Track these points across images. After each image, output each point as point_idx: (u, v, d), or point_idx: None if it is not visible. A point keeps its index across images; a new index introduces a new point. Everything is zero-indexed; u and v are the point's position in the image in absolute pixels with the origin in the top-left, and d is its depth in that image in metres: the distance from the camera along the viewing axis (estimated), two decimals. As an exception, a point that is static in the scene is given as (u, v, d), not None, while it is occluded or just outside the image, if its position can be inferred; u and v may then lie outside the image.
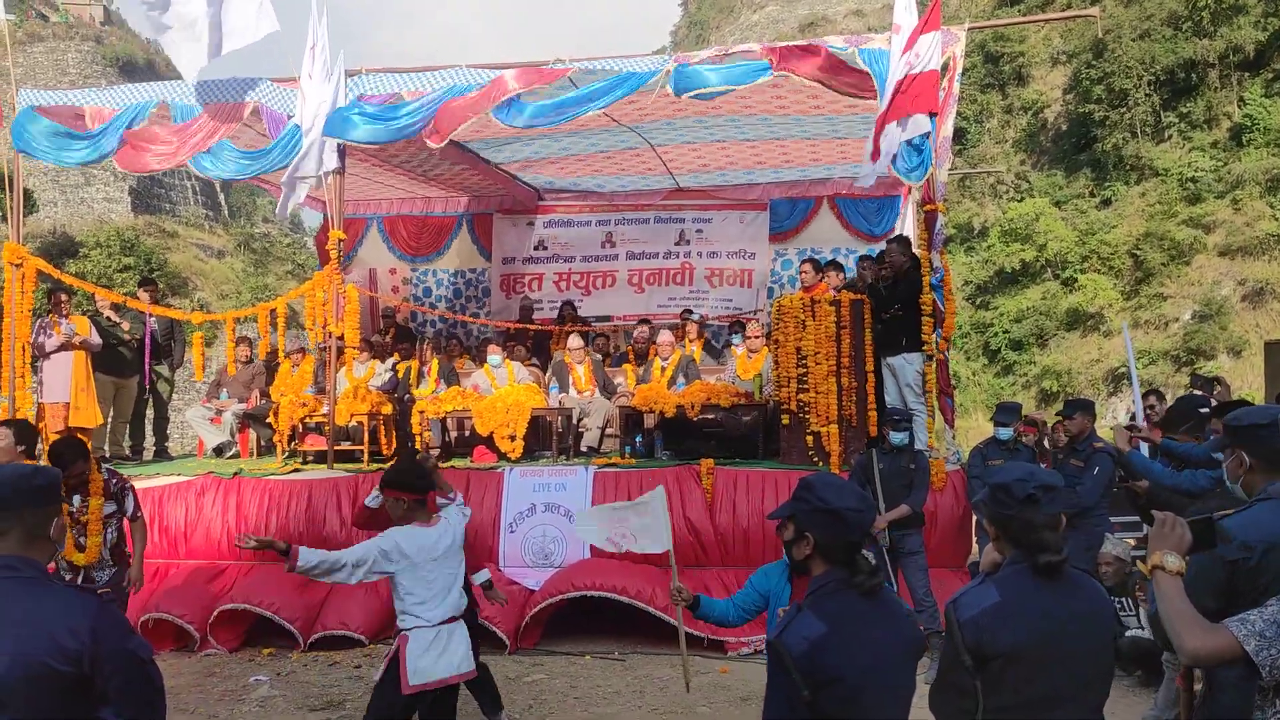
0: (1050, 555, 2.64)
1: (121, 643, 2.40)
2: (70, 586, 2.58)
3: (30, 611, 2.34)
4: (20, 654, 2.28)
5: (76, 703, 2.34)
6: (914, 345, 8.46)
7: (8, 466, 2.61)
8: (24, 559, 2.43)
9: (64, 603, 2.40)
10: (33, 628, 2.31)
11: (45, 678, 2.29)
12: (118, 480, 5.97)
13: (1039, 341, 28.31)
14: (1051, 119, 33.79)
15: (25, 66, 27.32)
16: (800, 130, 11.06)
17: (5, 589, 2.37)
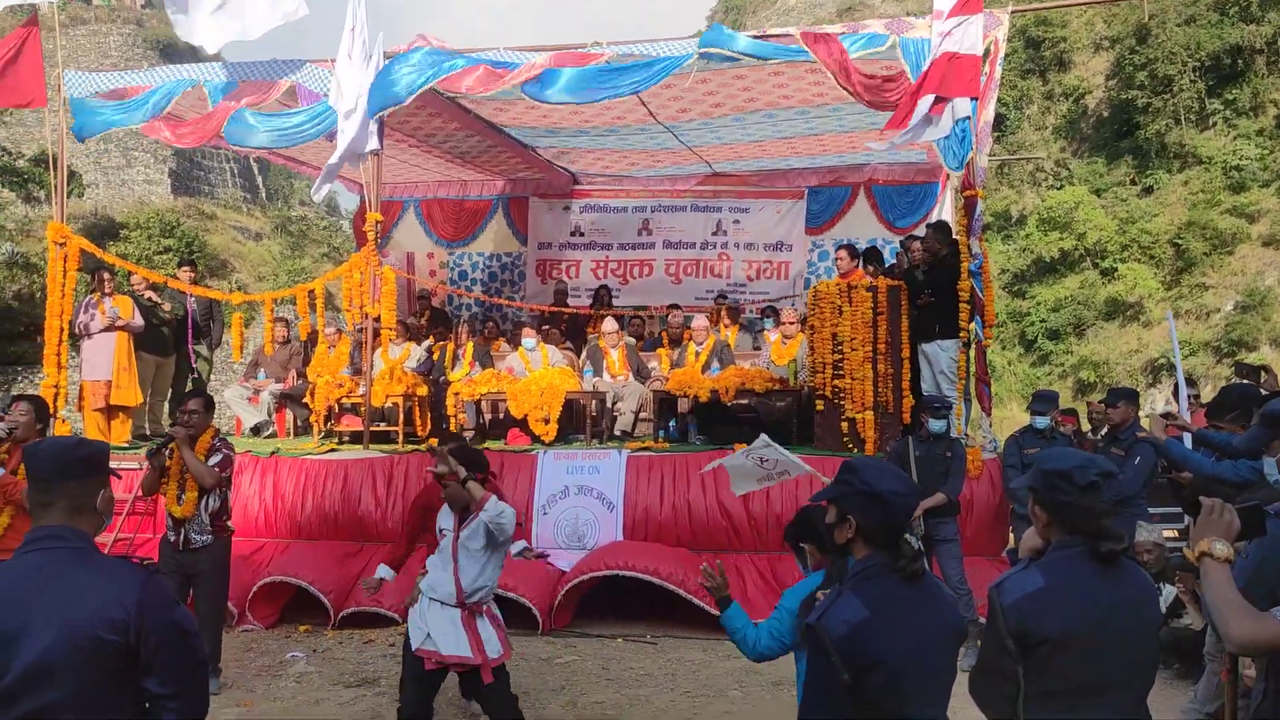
0: (1113, 543, 2.61)
1: (166, 614, 2.42)
2: (118, 558, 2.61)
3: (78, 582, 2.36)
4: (69, 623, 2.30)
5: (123, 672, 2.36)
6: (948, 332, 8.39)
7: (49, 440, 2.64)
8: (71, 529, 2.45)
9: (111, 574, 2.42)
10: (81, 597, 2.33)
11: (93, 647, 2.31)
12: (223, 442, 6.45)
13: (1076, 331, 27.96)
14: (1093, 105, 33.28)
15: (69, 49, 27.63)
16: (838, 123, 10.98)
17: (53, 559, 2.39)
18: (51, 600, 2.32)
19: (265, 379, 11.23)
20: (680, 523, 8.31)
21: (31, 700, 2.27)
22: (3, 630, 2.29)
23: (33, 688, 2.27)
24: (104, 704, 2.34)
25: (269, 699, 6.37)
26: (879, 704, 2.50)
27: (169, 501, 6.25)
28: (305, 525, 8.70)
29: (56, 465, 2.48)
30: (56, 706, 2.28)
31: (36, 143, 24.26)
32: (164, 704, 2.41)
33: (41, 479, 2.48)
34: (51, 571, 2.37)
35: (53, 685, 2.28)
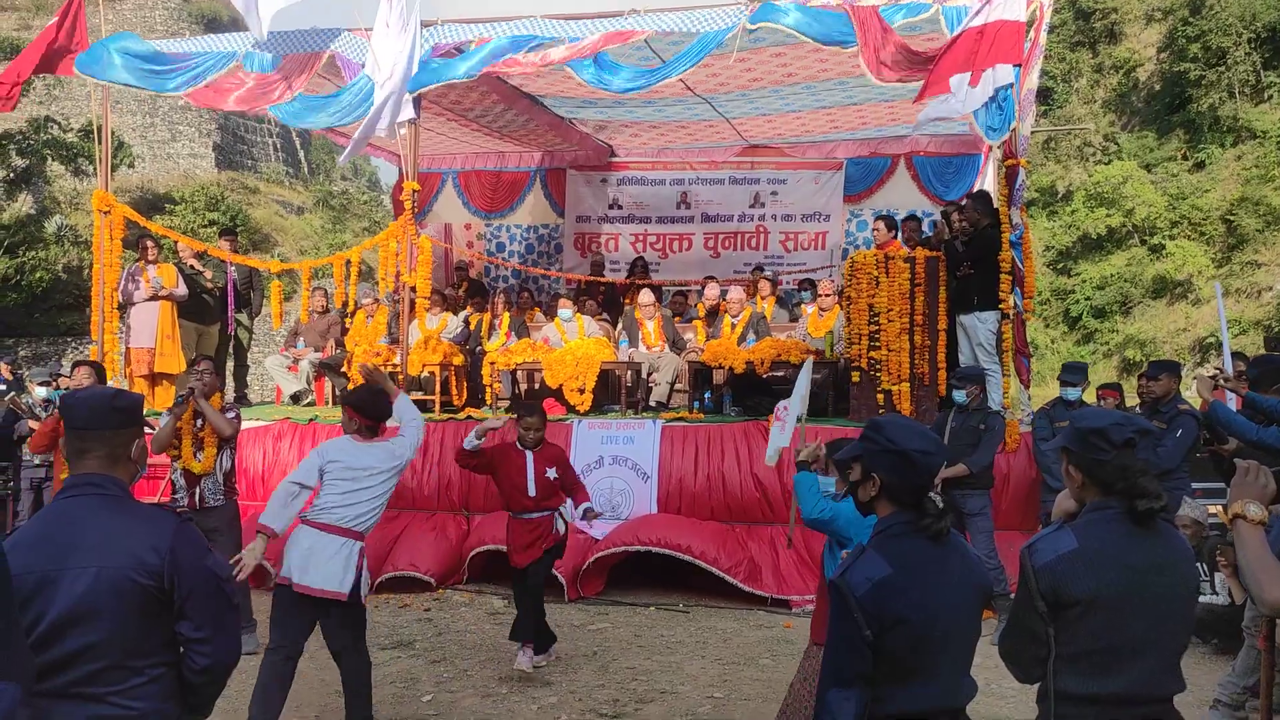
0: (1151, 501, 2.56)
1: (198, 560, 2.48)
2: (153, 505, 2.67)
3: (115, 527, 2.42)
4: (106, 566, 2.36)
5: (157, 615, 2.42)
6: (987, 304, 8.28)
7: (88, 390, 2.69)
8: (108, 477, 2.51)
9: (146, 519, 2.48)
10: (117, 542, 2.39)
11: (129, 590, 2.37)
12: (234, 409, 6.73)
13: (1123, 309, 27.54)
14: (1144, 78, 32.60)
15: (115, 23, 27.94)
16: (878, 93, 10.83)
17: (91, 505, 2.45)
18: (88, 545, 2.38)
19: (304, 348, 11.36)
20: (714, 493, 8.30)
21: (71, 641, 2.34)
22: (42, 573, 2.35)
23: (71, 629, 2.34)
24: (140, 645, 2.40)
25: (305, 658, 6.45)
26: (902, 661, 2.49)
27: (186, 458, 6.38)
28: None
29: (95, 414, 2.54)
30: (95, 647, 2.34)
31: (84, 116, 24.61)
32: (196, 647, 2.48)
33: (79, 428, 2.53)
34: (88, 517, 2.43)
35: (91, 627, 2.34)
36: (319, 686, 5.93)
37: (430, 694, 5.80)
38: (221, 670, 2.53)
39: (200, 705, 2.56)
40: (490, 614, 7.61)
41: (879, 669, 2.50)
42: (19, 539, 2.44)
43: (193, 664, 2.49)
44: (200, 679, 2.50)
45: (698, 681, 6.05)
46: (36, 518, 2.54)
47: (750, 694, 5.82)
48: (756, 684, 6.01)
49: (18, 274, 20.58)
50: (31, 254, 20.95)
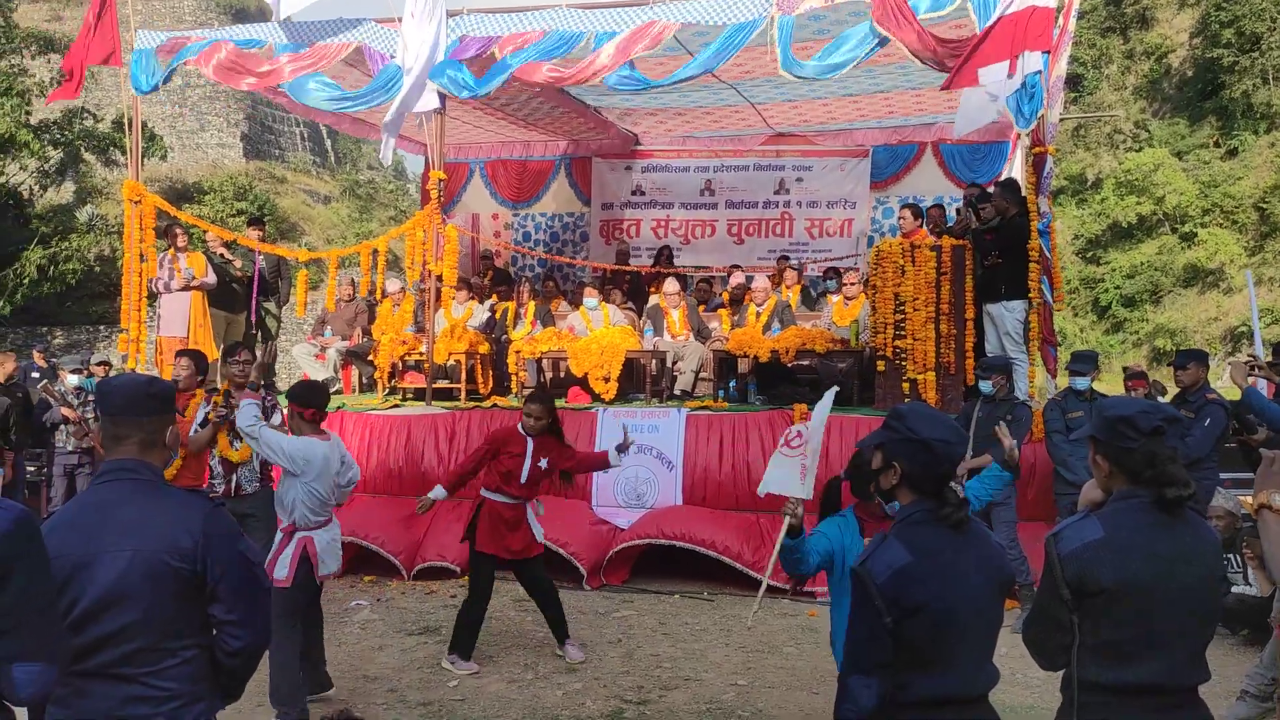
0: (1179, 489, 2.55)
1: (231, 544, 2.53)
2: (185, 490, 2.71)
3: (149, 511, 2.47)
4: (141, 550, 2.41)
5: (190, 599, 2.47)
6: (1014, 293, 8.22)
7: (125, 376, 2.74)
8: (142, 463, 2.56)
9: (179, 504, 2.53)
10: (152, 526, 2.44)
11: (164, 573, 2.42)
12: (270, 399, 6.69)
13: (1153, 298, 27.26)
14: (1176, 64, 32.18)
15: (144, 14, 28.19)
16: (905, 80, 10.76)
17: (126, 490, 2.50)
18: (123, 529, 2.43)
19: (331, 336, 11.44)
20: (739, 483, 8.31)
21: (108, 623, 2.39)
22: (79, 557, 2.40)
23: (107, 611, 2.39)
24: (174, 628, 2.45)
25: (334, 644, 6.54)
26: (922, 648, 2.50)
27: (223, 447, 6.47)
28: (370, 479, 8.87)
29: (131, 401, 2.58)
30: (130, 629, 2.40)
31: (115, 107, 24.85)
32: (228, 630, 2.53)
33: (115, 414, 2.58)
34: (123, 502, 2.48)
35: (126, 609, 2.39)
36: (348, 670, 6.00)
37: (456, 680, 5.85)
38: (253, 652, 2.57)
39: (232, 687, 2.61)
40: (515, 601, 7.65)
41: (900, 656, 2.51)
42: (56, 523, 2.50)
43: (225, 646, 2.53)
44: (233, 661, 2.55)
45: (722, 669, 6.07)
46: (73, 503, 2.60)
47: (774, 682, 5.84)
48: (780, 672, 6.03)
49: (51, 264, 20.84)
50: (64, 244, 21.20)
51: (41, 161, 21.84)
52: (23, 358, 15.28)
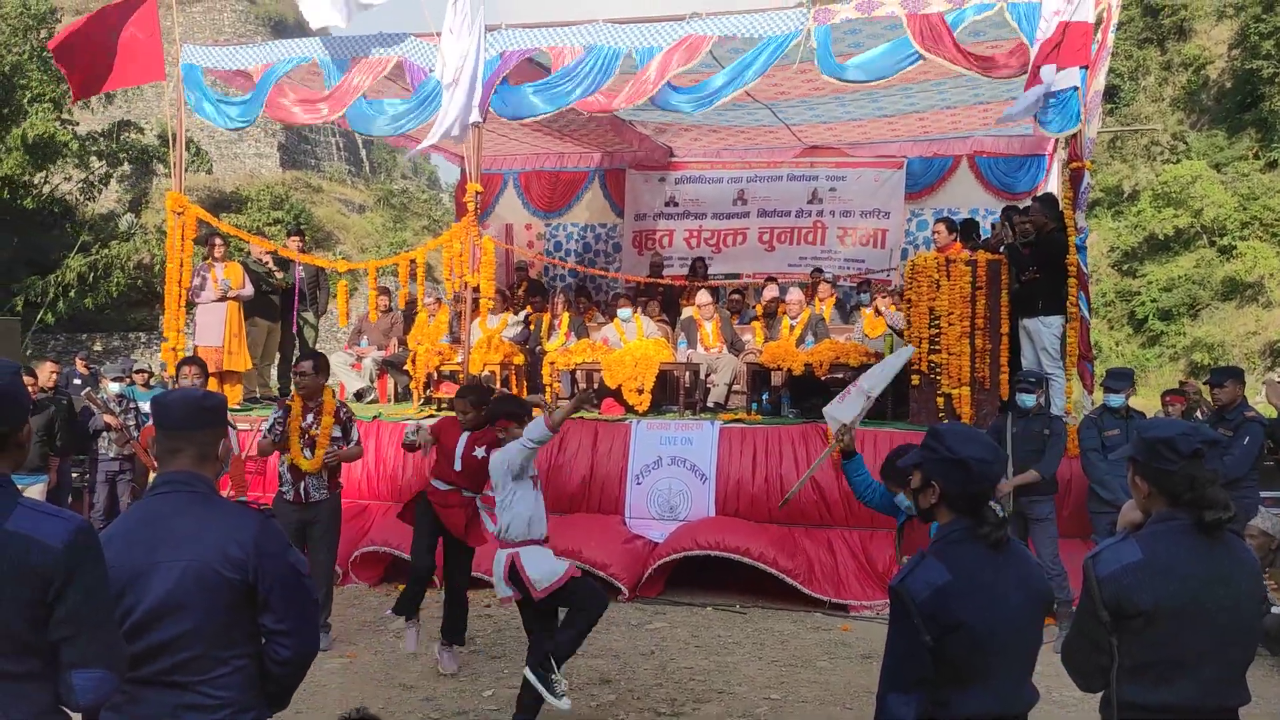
0: (1219, 512, 2.56)
1: (281, 555, 2.58)
2: (236, 503, 2.78)
3: (203, 523, 2.53)
4: (195, 560, 2.47)
5: (241, 608, 2.52)
6: (1052, 308, 8.18)
7: (180, 391, 2.80)
8: (196, 475, 2.62)
9: (232, 516, 2.60)
10: (205, 537, 2.50)
11: (217, 584, 2.47)
12: (346, 411, 6.79)
13: (1190, 312, 26.89)
14: (1214, 76, 31.79)
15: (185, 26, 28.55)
16: (940, 99, 10.75)
17: (181, 502, 2.57)
18: (178, 540, 2.49)
19: (368, 346, 11.56)
20: (772, 495, 8.31)
21: (161, 631, 2.45)
22: (135, 567, 2.47)
23: (161, 620, 2.45)
24: (225, 637, 2.51)
25: (370, 652, 6.63)
26: (961, 666, 2.52)
27: (295, 454, 6.49)
28: (406, 488, 8.93)
29: (188, 415, 2.65)
30: (184, 637, 2.45)
31: (155, 118, 25.23)
32: (278, 639, 2.57)
33: (172, 428, 2.64)
34: (177, 514, 2.54)
35: (180, 618, 2.45)
36: (384, 679, 6.07)
37: (491, 689, 5.91)
38: (302, 662, 2.62)
39: (279, 696, 2.66)
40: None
41: (939, 674, 2.53)
42: (113, 534, 2.56)
43: (275, 655, 2.58)
44: (282, 670, 2.60)
45: (755, 683, 6.08)
46: (128, 514, 2.66)
47: (808, 697, 5.84)
48: (814, 686, 6.03)
49: (91, 272, 21.16)
50: (105, 252, 21.52)
51: (86, 171, 22.20)
52: (63, 364, 15.54)
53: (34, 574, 2.14)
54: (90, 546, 2.24)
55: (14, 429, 2.30)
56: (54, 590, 2.15)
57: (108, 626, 2.26)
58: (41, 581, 2.15)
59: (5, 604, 2.14)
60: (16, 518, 2.18)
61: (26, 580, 2.14)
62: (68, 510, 2.39)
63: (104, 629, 2.24)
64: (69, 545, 2.18)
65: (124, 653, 2.32)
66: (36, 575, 2.15)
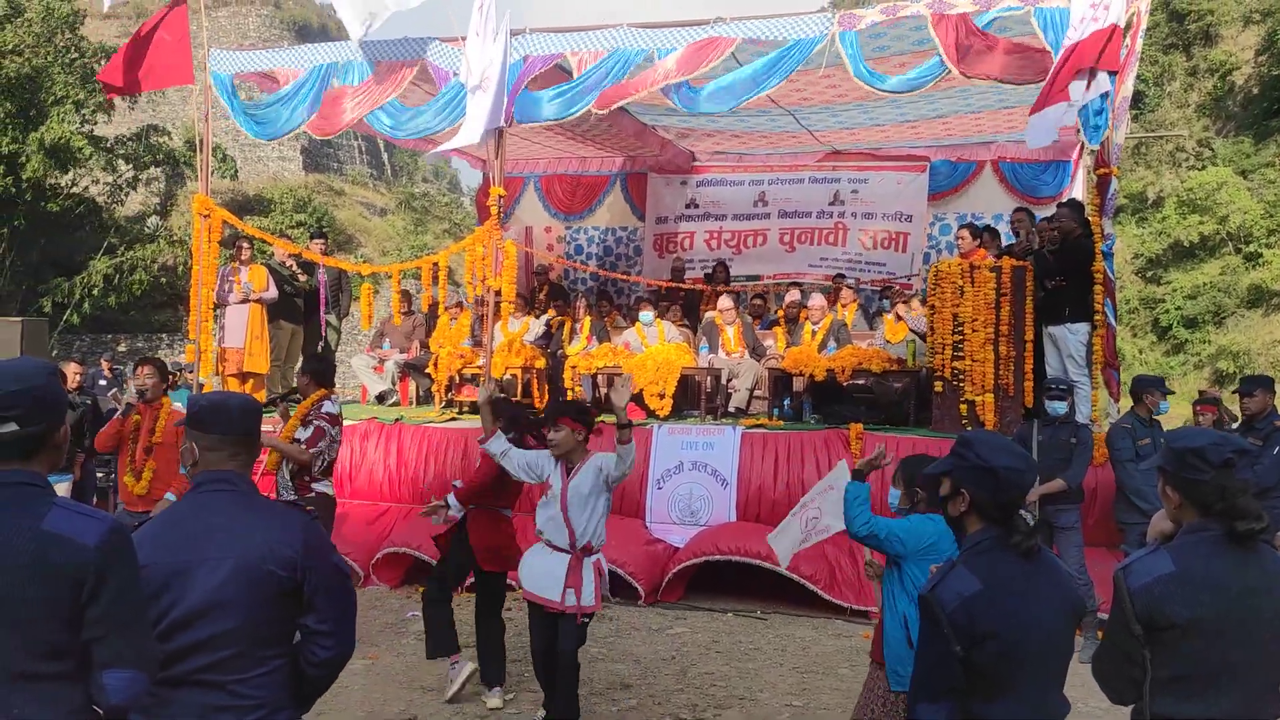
0: (1251, 522, 2.53)
1: (327, 556, 2.61)
2: (280, 502, 2.80)
3: (250, 521, 2.55)
4: (245, 559, 2.47)
5: (285, 608, 2.54)
6: (1079, 315, 8.12)
7: (235, 395, 2.82)
8: (239, 475, 2.65)
9: (280, 516, 2.63)
10: (255, 535, 2.51)
11: (265, 582, 2.48)
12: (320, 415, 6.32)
13: (1215, 320, 26.66)
14: (1241, 82, 31.54)
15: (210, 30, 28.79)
16: (965, 104, 10.70)
17: (225, 501, 2.58)
18: (225, 538, 2.50)
19: (390, 349, 11.61)
20: (794, 501, 8.20)
21: (201, 629, 2.45)
22: (176, 564, 2.47)
23: (203, 618, 2.45)
24: (266, 636, 2.52)
25: (392, 654, 6.64)
26: (992, 677, 2.50)
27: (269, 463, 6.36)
28: (427, 491, 8.97)
29: (246, 418, 2.69)
30: (224, 636, 2.45)
31: (181, 122, 25.44)
32: (319, 640, 2.58)
33: (228, 430, 2.65)
34: (223, 512, 2.56)
35: (223, 616, 2.45)
36: (406, 682, 6.08)
37: (512, 692, 5.90)
38: (338, 663, 2.63)
39: (310, 697, 2.67)
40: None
41: (969, 685, 2.51)
42: (153, 532, 2.57)
43: (313, 656, 2.58)
44: (318, 671, 2.60)
45: (776, 689, 6.06)
46: (169, 511, 2.67)
47: (829, 704, 5.82)
48: (835, 693, 6.00)
49: (117, 274, 21.36)
50: (130, 253, 21.72)
51: (114, 175, 22.40)
52: (89, 365, 15.67)
53: (68, 574, 2.16)
54: (123, 547, 2.25)
55: (51, 429, 2.32)
56: (88, 590, 2.17)
57: (140, 627, 2.27)
58: (75, 581, 2.16)
59: (40, 605, 2.15)
60: (52, 518, 2.20)
61: (61, 580, 2.16)
62: (101, 510, 2.40)
63: (136, 629, 2.25)
64: (102, 545, 2.19)
65: (156, 653, 2.33)
66: (71, 575, 2.16)
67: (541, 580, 5.01)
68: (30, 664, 2.16)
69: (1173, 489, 2.67)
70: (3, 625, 2.15)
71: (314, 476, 6.39)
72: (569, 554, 4.98)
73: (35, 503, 2.22)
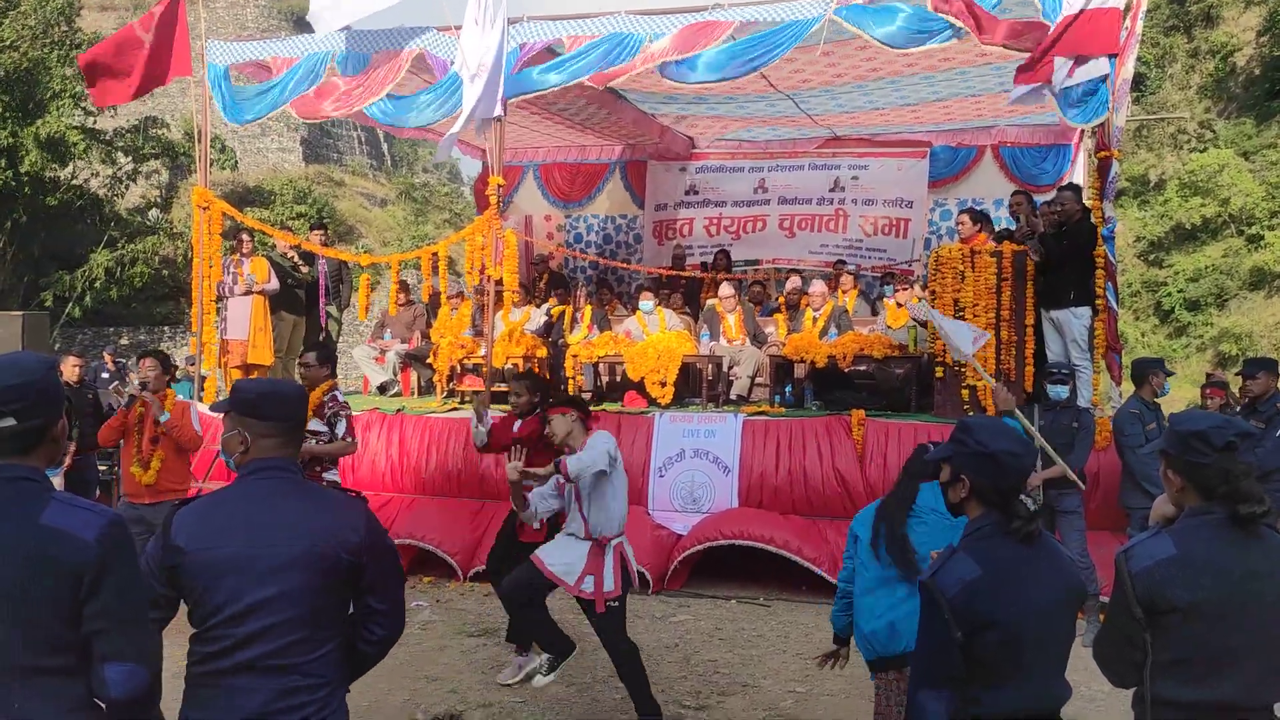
0: (1254, 505, 2.52)
1: (385, 539, 2.67)
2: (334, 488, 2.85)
3: (315, 508, 2.57)
4: (314, 545, 2.50)
5: (345, 591, 2.58)
6: (1082, 299, 8.10)
7: (286, 383, 2.83)
8: (289, 460, 2.67)
9: (341, 501, 2.68)
10: (319, 520, 2.54)
11: (333, 565, 2.51)
12: (334, 406, 6.47)
13: (1218, 302, 26.61)
14: (1242, 63, 31.40)
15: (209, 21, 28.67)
16: (965, 86, 10.66)
17: (282, 487, 2.59)
18: (291, 524, 2.51)
19: (391, 339, 11.61)
20: (795, 488, 8.29)
21: (269, 615, 2.45)
22: (238, 551, 2.47)
23: (272, 603, 2.45)
24: (329, 617, 2.55)
25: (397, 645, 6.63)
26: (993, 662, 2.50)
27: None
28: (429, 481, 8.98)
29: (301, 405, 2.74)
30: (294, 620, 2.47)
31: (180, 114, 25.38)
32: (379, 619, 2.64)
33: (284, 417, 2.67)
34: (283, 498, 2.57)
35: (292, 601, 2.47)
36: (410, 671, 6.09)
37: (514, 680, 5.91)
38: (393, 640, 2.70)
39: (358, 674, 2.71)
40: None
41: (970, 670, 2.51)
42: (204, 518, 2.53)
43: (371, 635, 2.63)
44: (375, 649, 2.67)
45: (779, 676, 6.07)
46: (222, 498, 2.62)
47: (833, 689, 5.83)
48: (839, 679, 5.99)
49: (118, 266, 21.33)
50: (130, 246, 21.69)
51: (113, 167, 22.34)
52: (92, 359, 15.67)
53: (68, 568, 2.16)
54: (122, 540, 2.25)
55: (49, 423, 2.31)
56: (87, 584, 2.17)
57: (140, 620, 2.28)
58: (74, 576, 2.16)
59: (40, 599, 2.15)
60: (50, 513, 2.20)
61: (60, 575, 2.16)
62: (100, 504, 2.40)
63: (136, 622, 2.26)
64: (101, 539, 2.19)
65: (157, 646, 2.34)
66: (70, 570, 2.16)
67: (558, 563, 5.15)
68: (31, 659, 2.16)
69: (1175, 472, 2.67)
70: (3, 620, 2.15)
71: (325, 466, 6.50)
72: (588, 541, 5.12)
73: (34, 498, 2.22)
